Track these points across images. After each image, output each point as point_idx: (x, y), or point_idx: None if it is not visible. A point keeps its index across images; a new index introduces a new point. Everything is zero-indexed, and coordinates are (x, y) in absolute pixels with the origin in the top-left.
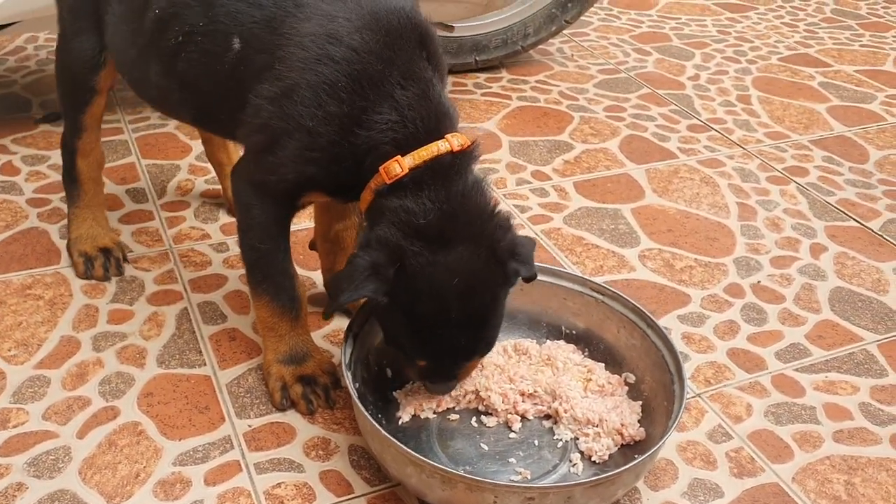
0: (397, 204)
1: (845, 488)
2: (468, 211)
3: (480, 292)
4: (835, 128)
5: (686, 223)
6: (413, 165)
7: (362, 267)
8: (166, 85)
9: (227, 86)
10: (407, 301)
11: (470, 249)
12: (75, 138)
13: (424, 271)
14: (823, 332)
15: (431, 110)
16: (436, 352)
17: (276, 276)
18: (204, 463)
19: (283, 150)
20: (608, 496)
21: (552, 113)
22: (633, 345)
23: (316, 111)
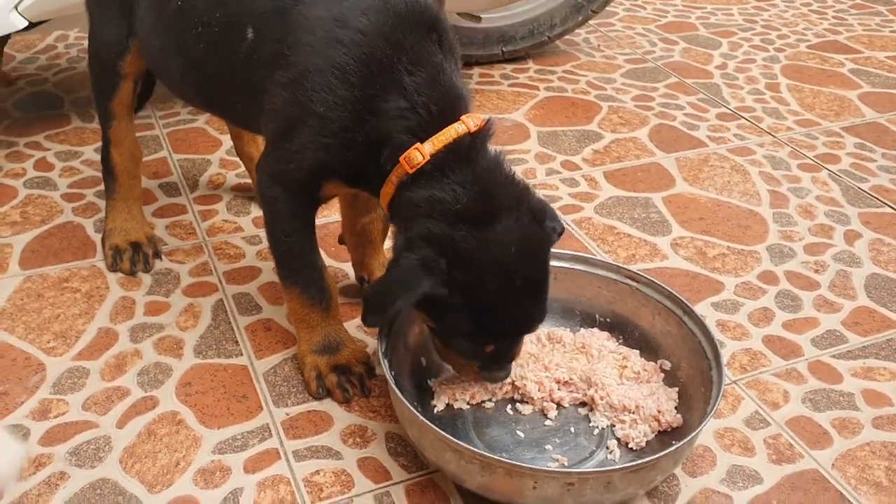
0: (426, 195)
1: (886, 474)
2: (497, 185)
3: (536, 254)
4: (866, 114)
5: (718, 211)
6: (433, 151)
7: (412, 267)
8: (188, 75)
9: (243, 76)
10: (470, 285)
11: (512, 219)
12: (107, 127)
13: (480, 251)
14: (860, 318)
15: (443, 94)
16: (505, 328)
17: (304, 269)
18: (243, 451)
19: (298, 136)
20: (647, 482)
21: (580, 103)
22: (668, 332)
23: (326, 96)
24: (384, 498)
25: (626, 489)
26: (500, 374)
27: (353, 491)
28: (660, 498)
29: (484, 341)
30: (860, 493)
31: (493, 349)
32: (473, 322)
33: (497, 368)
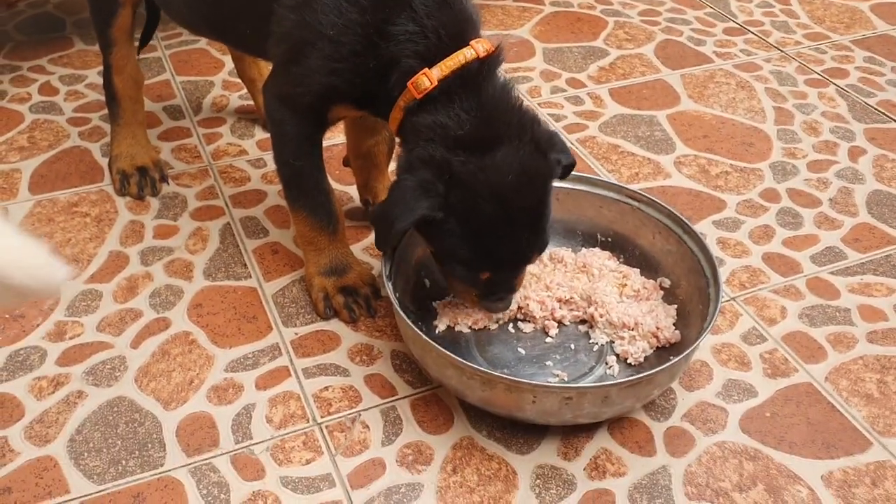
0: (430, 120)
1: (877, 386)
2: (502, 112)
3: (534, 185)
4: (878, 26)
5: (722, 129)
6: (441, 77)
7: (411, 188)
8: (193, 3)
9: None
10: (465, 210)
11: (514, 147)
12: (108, 53)
13: (477, 176)
14: (860, 234)
15: (453, 17)
16: (500, 257)
17: (312, 191)
18: (254, 369)
19: (307, 59)
20: (644, 396)
21: (586, 18)
22: (668, 250)
23: (336, 19)
24: (390, 412)
25: (623, 403)
26: (500, 306)
27: (361, 405)
28: (657, 410)
29: (479, 268)
30: (851, 405)
31: (490, 278)
32: (468, 247)
33: (496, 299)
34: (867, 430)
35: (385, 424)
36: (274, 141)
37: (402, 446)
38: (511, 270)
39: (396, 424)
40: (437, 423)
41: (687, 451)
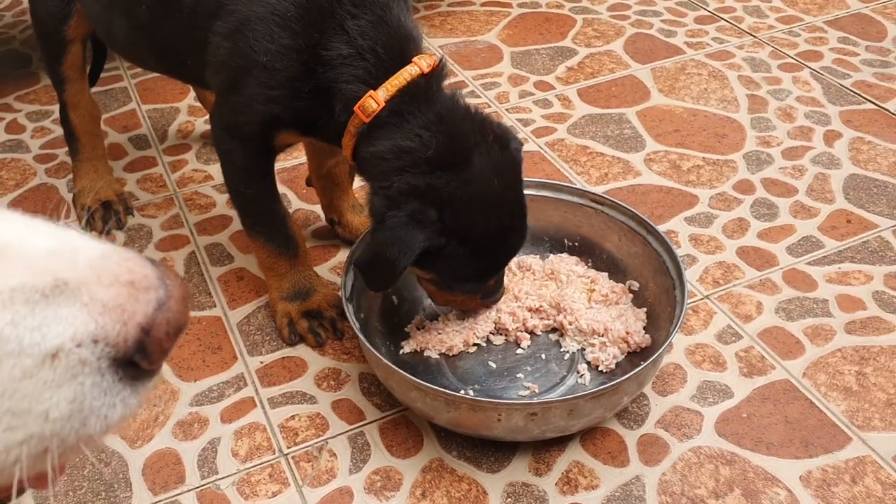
0: (389, 145)
1: (856, 379)
2: (461, 123)
3: (512, 181)
4: (851, 5)
5: (693, 121)
6: (388, 97)
7: (402, 224)
8: (134, 37)
9: (187, 31)
10: (464, 229)
11: (484, 152)
12: (61, 90)
13: (465, 192)
14: (837, 222)
15: (390, 35)
16: (501, 259)
17: (267, 218)
18: (220, 401)
19: (245, 88)
20: (612, 405)
21: (554, 18)
22: (634, 252)
23: (269, 45)
24: (358, 438)
25: (592, 414)
26: (499, 294)
27: (328, 433)
28: (629, 418)
29: (488, 277)
30: (829, 400)
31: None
32: (475, 263)
33: (494, 291)
34: (846, 425)
35: (353, 451)
36: (224, 170)
37: (370, 473)
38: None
39: (364, 451)
40: (405, 446)
41: (661, 458)
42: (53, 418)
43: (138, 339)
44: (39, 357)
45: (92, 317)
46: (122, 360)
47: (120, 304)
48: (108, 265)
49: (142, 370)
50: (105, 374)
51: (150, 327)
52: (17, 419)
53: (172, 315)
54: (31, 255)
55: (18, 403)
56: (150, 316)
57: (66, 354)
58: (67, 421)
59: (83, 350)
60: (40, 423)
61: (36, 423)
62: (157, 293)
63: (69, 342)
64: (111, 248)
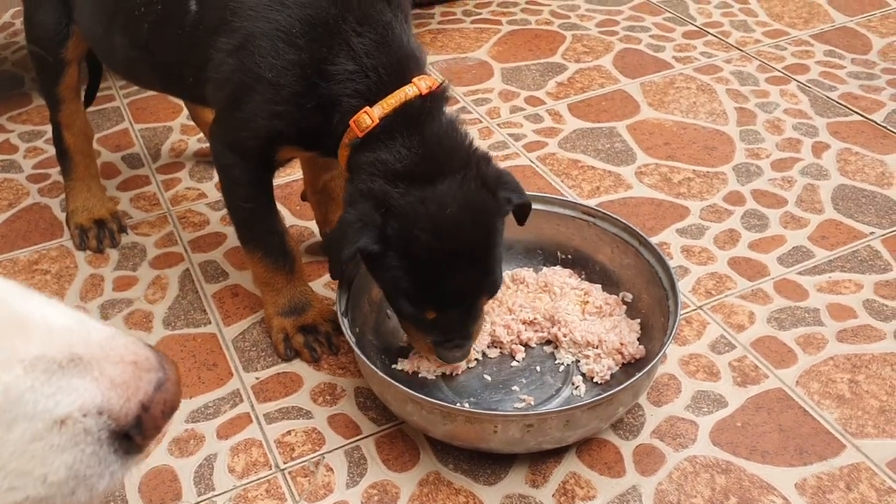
0: (372, 157)
1: (849, 386)
2: (446, 148)
3: (478, 220)
4: (836, 19)
5: (683, 134)
6: (383, 114)
7: (351, 221)
8: (135, 56)
9: (189, 48)
10: (404, 242)
11: (457, 181)
12: (56, 111)
13: (414, 207)
14: (826, 232)
15: (393, 55)
16: (442, 295)
17: (264, 233)
18: (215, 418)
19: (249, 104)
20: (608, 416)
21: (543, 34)
22: (627, 264)
23: (274, 61)
24: (354, 452)
25: (588, 425)
26: (455, 355)
27: (325, 448)
28: (625, 429)
29: (423, 304)
30: (823, 408)
31: (439, 319)
32: (409, 281)
33: (452, 346)
34: (840, 432)
35: (349, 465)
36: (223, 186)
37: (367, 487)
38: (458, 310)
39: (361, 465)
40: (402, 460)
41: (657, 468)
42: (50, 482)
43: (137, 415)
44: (49, 422)
45: (100, 390)
46: (118, 434)
47: (125, 380)
48: (116, 345)
49: (134, 445)
50: (103, 444)
51: (149, 405)
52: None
53: (169, 396)
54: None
55: (24, 465)
56: (151, 395)
57: (72, 422)
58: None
59: (88, 420)
60: (38, 485)
61: (34, 486)
62: (157, 374)
63: (77, 411)
64: (117, 332)
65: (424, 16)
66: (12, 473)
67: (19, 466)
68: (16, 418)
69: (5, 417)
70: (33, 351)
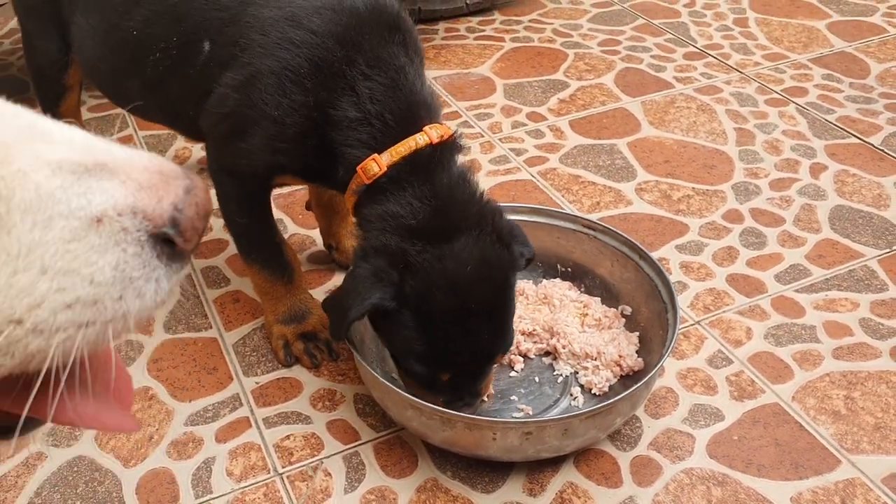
0: (381, 210)
1: (845, 403)
2: (459, 202)
3: (496, 277)
4: (835, 44)
5: (683, 153)
6: (391, 163)
7: (364, 276)
8: (145, 96)
9: (195, 84)
10: (421, 302)
11: (473, 237)
12: None
13: (433, 266)
14: (823, 251)
15: (402, 101)
16: (458, 356)
17: (262, 246)
18: (214, 421)
19: (252, 137)
20: (606, 426)
21: (546, 52)
22: (627, 277)
23: (281, 99)
24: (353, 457)
25: (586, 434)
26: (466, 412)
27: (323, 453)
28: (622, 440)
29: (437, 368)
30: (818, 423)
31: (451, 380)
32: (424, 344)
33: (462, 405)
34: (835, 448)
35: (347, 471)
36: (219, 201)
37: (365, 492)
38: (473, 371)
39: (359, 470)
40: (400, 466)
41: (654, 479)
42: (98, 281)
43: (172, 216)
44: (86, 220)
45: (130, 192)
46: (158, 237)
47: (154, 184)
48: (139, 157)
49: (176, 250)
50: (144, 246)
51: (182, 207)
52: (67, 279)
53: (200, 199)
54: (72, 139)
55: (69, 264)
56: (181, 197)
57: (109, 221)
58: (110, 287)
59: (124, 219)
60: (86, 286)
61: (83, 286)
62: (184, 181)
63: (111, 210)
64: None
65: (428, 31)
66: (59, 274)
67: (65, 265)
68: (51, 217)
69: (41, 217)
70: (59, 154)
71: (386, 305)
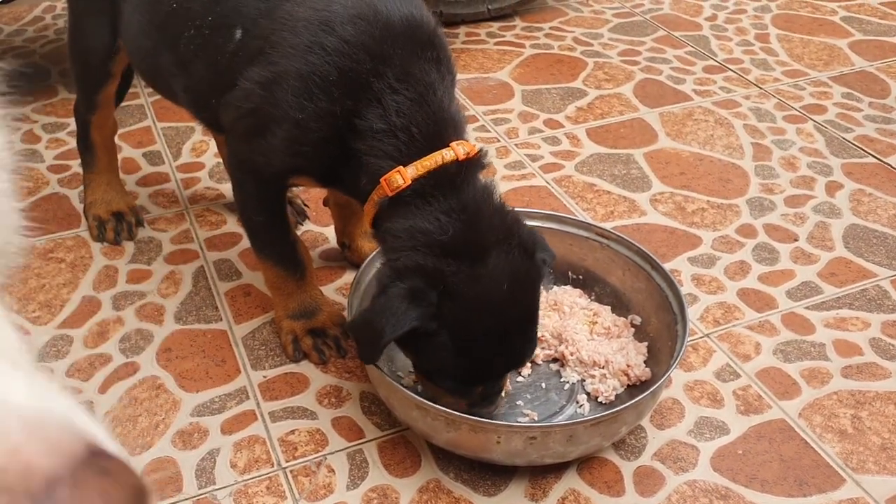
0: (407, 224)
1: (851, 422)
2: (486, 217)
3: (527, 291)
4: (856, 63)
5: (699, 166)
6: (416, 176)
7: (400, 296)
8: (176, 73)
9: (222, 74)
10: (459, 324)
11: (503, 252)
12: (90, 113)
13: (471, 287)
14: (836, 269)
15: (429, 116)
16: (494, 370)
17: (276, 244)
18: (220, 413)
19: (273, 137)
20: (610, 434)
21: (566, 60)
22: (638, 287)
23: (307, 103)
24: (357, 455)
25: (590, 441)
26: (490, 410)
27: (327, 449)
28: (626, 449)
29: (473, 383)
30: (824, 441)
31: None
32: (462, 362)
33: (488, 405)
34: (840, 466)
35: (351, 468)
36: (236, 196)
37: (367, 490)
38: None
39: (363, 468)
40: (403, 465)
41: (656, 490)
42: None
43: None
44: None
45: None
46: None
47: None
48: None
49: None
50: None
51: None
52: None
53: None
54: None
55: None
56: None
57: None
58: None
59: None
60: None
61: None
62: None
63: None
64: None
65: (449, 35)
66: None
67: None
68: None
69: None
70: None
71: (427, 327)
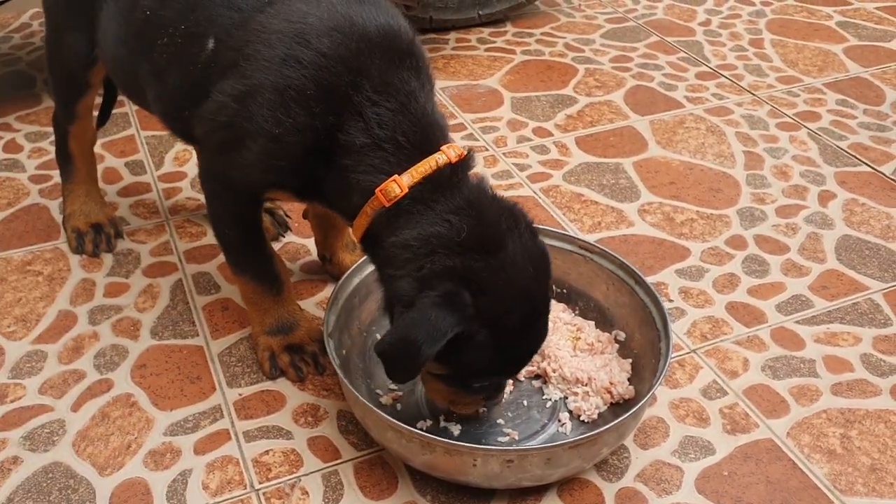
0: (415, 233)
1: (841, 441)
2: (491, 209)
3: (546, 269)
4: (850, 69)
5: (689, 175)
6: (412, 183)
7: (433, 304)
8: (151, 82)
9: (196, 85)
10: (497, 317)
11: (517, 238)
12: (69, 124)
13: (502, 278)
14: (827, 282)
15: (415, 124)
16: (526, 357)
17: (251, 258)
18: (194, 432)
19: (248, 151)
20: (591, 456)
21: (556, 66)
22: (622, 302)
23: (283, 118)
24: (332, 476)
25: (570, 464)
26: (501, 396)
27: (302, 470)
28: (609, 470)
29: (509, 374)
30: (812, 462)
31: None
32: (501, 356)
33: (497, 393)
34: (829, 488)
35: (325, 490)
36: (209, 210)
37: None
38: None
39: (337, 490)
40: (380, 487)
41: None
42: None
43: None
44: None
45: None
46: None
47: None
48: None
49: None
50: None
51: None
52: None
53: None
54: None
55: None
56: None
57: None
58: None
59: None
60: None
61: None
62: None
63: None
64: None
65: (439, 41)
66: None
67: None
68: None
69: None
70: None
71: (468, 330)
